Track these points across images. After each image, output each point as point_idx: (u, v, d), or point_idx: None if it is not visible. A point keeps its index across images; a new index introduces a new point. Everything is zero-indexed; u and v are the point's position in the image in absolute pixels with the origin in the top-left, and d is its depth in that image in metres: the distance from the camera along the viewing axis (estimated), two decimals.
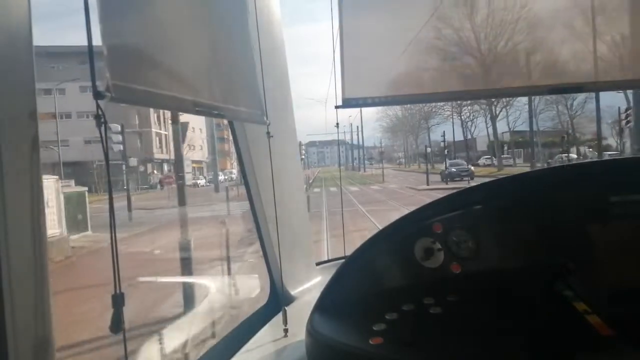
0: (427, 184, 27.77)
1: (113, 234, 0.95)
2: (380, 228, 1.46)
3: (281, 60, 1.97)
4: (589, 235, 1.34)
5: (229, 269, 7.19)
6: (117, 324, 0.89)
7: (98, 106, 0.87)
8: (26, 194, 0.84)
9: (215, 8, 1.37)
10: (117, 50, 0.90)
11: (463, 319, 1.27)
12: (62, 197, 13.02)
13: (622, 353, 1.12)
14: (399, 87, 1.61)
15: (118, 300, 0.90)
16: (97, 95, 0.86)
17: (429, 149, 45.91)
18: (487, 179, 1.65)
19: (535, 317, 1.25)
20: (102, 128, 0.89)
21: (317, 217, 13.68)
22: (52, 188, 12.32)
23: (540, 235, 1.39)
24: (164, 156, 38.51)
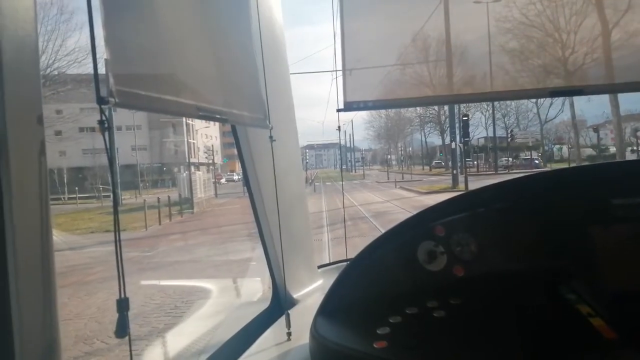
0: (387, 179, 35.87)
1: (117, 238, 0.83)
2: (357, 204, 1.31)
3: (283, 64, 1.77)
4: (593, 238, 1.16)
5: None
6: (122, 329, 0.75)
7: (102, 111, 0.75)
8: (34, 195, 0.74)
9: (217, 13, 1.18)
10: (120, 56, 0.76)
11: (466, 322, 1.09)
12: (202, 179, 21.79)
13: (626, 356, 0.95)
14: (400, 90, 1.47)
15: (122, 305, 0.77)
16: (100, 100, 0.74)
17: (389, 156, 51.33)
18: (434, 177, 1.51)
19: (539, 320, 1.07)
20: (106, 133, 0.77)
21: (318, 192, 24.28)
22: (200, 176, 21.98)
23: (544, 238, 1.20)
24: (194, 160, 40.43)
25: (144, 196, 22.83)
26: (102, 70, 0.77)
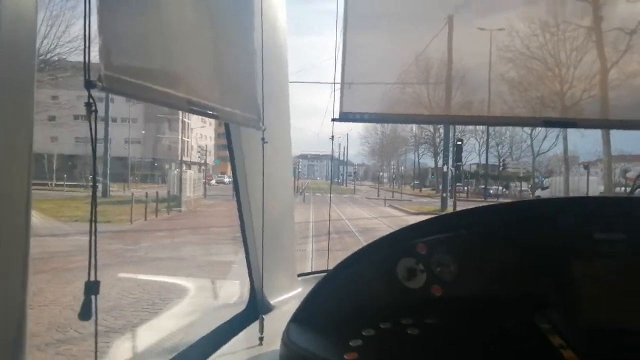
0: (377, 196, 35.77)
1: (93, 222, 0.80)
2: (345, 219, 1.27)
3: (282, 69, 1.74)
4: (572, 270, 1.14)
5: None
6: (87, 312, 0.75)
7: (90, 95, 0.73)
8: (15, 177, 0.72)
9: (219, 10, 1.17)
10: (112, 41, 0.75)
11: (439, 342, 1.08)
12: (192, 179, 21.91)
13: None
14: (397, 106, 1.46)
15: (91, 288, 0.75)
16: (88, 84, 0.72)
17: (381, 174, 51.68)
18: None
19: (511, 347, 1.06)
20: (92, 117, 0.76)
21: (307, 202, 24.12)
22: (191, 175, 22.28)
23: (524, 266, 1.18)
24: (186, 158, 40.19)
25: (132, 190, 22.63)
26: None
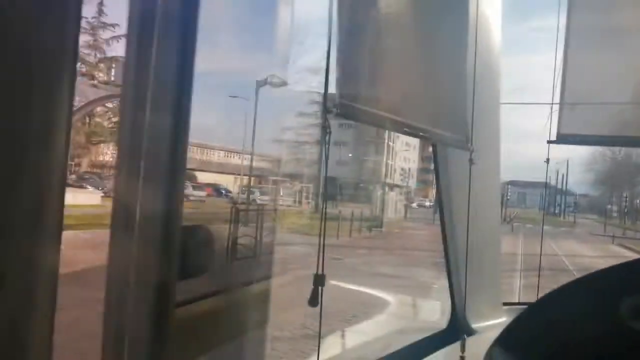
0: (604, 232, 30.63)
1: (322, 227, 0.97)
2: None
3: (494, 89, 1.72)
4: None
5: None
6: (314, 299, 1.01)
7: (326, 119, 0.90)
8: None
9: (436, 33, 1.27)
10: (346, 73, 0.91)
11: None
12: (394, 200, 23.22)
13: None
14: (628, 129, 1.31)
15: (319, 280, 0.95)
16: (326, 110, 0.89)
17: (610, 206, 43.13)
18: None
19: None
20: (327, 137, 0.93)
21: (516, 233, 22.56)
22: (393, 197, 23.61)
23: None
24: (389, 181, 41.00)
25: (339, 208, 24.40)
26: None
